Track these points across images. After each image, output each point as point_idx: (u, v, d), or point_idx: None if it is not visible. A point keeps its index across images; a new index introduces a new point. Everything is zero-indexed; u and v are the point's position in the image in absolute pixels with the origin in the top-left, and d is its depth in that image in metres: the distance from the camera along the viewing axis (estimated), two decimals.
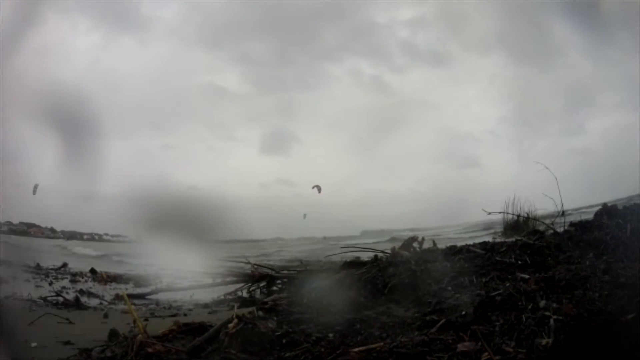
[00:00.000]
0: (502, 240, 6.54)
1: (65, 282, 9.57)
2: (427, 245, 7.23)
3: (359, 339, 3.86)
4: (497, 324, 3.57)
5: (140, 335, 4.01)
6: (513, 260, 5.15)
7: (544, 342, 3.19)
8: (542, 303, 3.80)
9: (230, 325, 4.03)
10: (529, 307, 3.76)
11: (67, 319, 5.55)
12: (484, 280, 4.79)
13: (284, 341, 3.88)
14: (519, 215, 8.11)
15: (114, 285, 9.54)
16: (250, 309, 5.09)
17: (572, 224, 6.44)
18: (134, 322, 4.43)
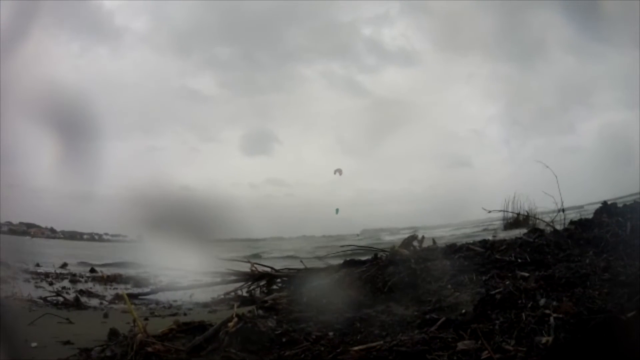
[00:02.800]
0: (502, 238, 6.54)
1: (65, 282, 9.57)
2: (426, 243, 7.23)
3: (358, 337, 3.85)
4: (497, 322, 3.57)
5: (140, 335, 4.00)
6: (513, 258, 5.15)
7: (544, 340, 3.19)
8: (542, 301, 3.79)
9: (230, 324, 4.02)
10: (529, 305, 3.76)
11: (67, 319, 5.55)
12: (483, 278, 4.79)
13: (283, 340, 3.88)
14: (518, 214, 8.12)
15: (114, 285, 9.54)
16: (250, 307, 5.09)
17: (572, 222, 6.43)
18: (134, 321, 4.43)
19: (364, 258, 6.86)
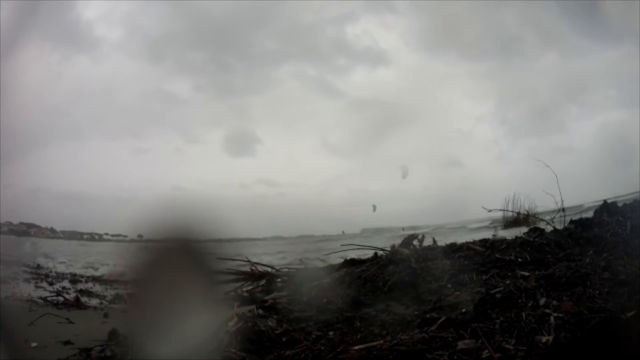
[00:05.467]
0: (502, 237, 6.54)
1: (65, 282, 9.57)
2: (427, 242, 7.22)
3: (359, 336, 3.85)
4: (497, 321, 3.57)
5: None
6: (513, 257, 5.15)
7: (544, 339, 3.19)
8: (542, 300, 3.79)
9: (230, 323, 4.02)
10: (529, 304, 3.76)
11: (67, 319, 5.55)
12: (484, 277, 4.78)
13: (283, 339, 3.88)
14: (518, 213, 8.12)
15: (114, 285, 9.52)
16: (249, 307, 5.08)
17: (572, 221, 6.43)
18: None
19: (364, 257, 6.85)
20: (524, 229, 6.94)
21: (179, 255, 2.75)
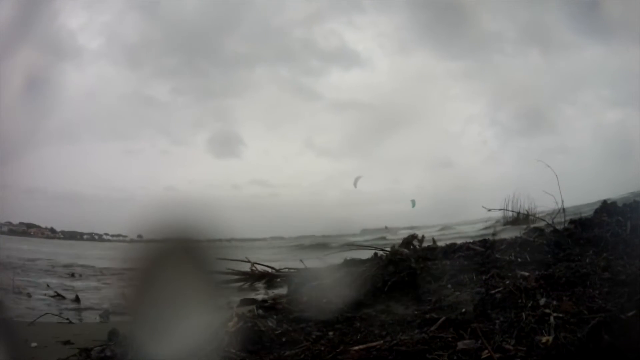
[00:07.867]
0: (502, 238, 6.54)
1: (66, 281, 9.58)
2: (427, 243, 7.22)
3: (358, 337, 3.85)
4: (497, 321, 3.57)
5: None
6: (513, 257, 5.15)
7: (544, 339, 3.19)
8: (542, 301, 3.79)
9: (230, 323, 4.02)
10: (529, 304, 3.75)
11: (67, 319, 5.55)
12: (483, 277, 4.79)
13: (283, 340, 3.88)
14: (518, 213, 8.12)
15: (114, 284, 9.51)
16: (249, 307, 5.08)
17: (571, 222, 6.43)
18: None
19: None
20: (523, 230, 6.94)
21: (179, 255, 2.75)
